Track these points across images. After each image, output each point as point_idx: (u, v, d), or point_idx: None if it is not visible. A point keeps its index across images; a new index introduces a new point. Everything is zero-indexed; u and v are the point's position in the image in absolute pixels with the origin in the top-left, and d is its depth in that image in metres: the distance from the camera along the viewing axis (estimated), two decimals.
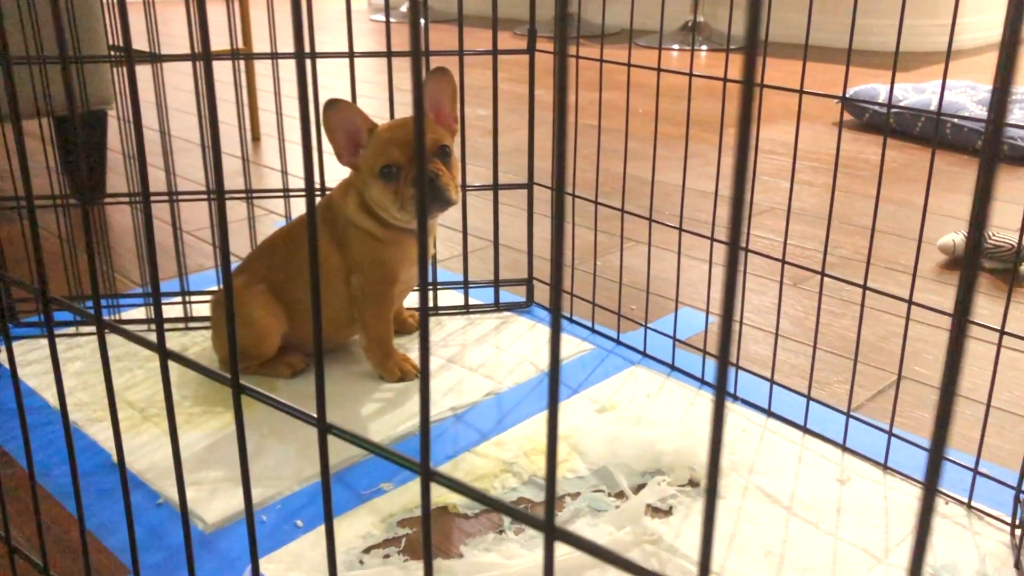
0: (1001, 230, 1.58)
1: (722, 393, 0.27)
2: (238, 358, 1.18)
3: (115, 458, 1.02)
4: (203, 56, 0.37)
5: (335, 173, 2.08)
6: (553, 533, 0.27)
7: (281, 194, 1.38)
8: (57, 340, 1.29)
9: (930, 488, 0.26)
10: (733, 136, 2.44)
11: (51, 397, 1.15)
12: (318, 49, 1.33)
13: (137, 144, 0.39)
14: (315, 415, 0.38)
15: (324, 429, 0.34)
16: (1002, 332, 0.89)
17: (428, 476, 0.29)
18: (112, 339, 1.30)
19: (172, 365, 1.23)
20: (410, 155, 1.06)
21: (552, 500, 0.27)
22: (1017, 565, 0.84)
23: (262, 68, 3.11)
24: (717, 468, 0.25)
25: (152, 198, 1.38)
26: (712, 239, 1.14)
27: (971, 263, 0.24)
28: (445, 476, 0.30)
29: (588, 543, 0.27)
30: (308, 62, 1.27)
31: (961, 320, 0.25)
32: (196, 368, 0.41)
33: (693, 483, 0.97)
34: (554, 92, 0.29)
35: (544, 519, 0.27)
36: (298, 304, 1.17)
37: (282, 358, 1.20)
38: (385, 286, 1.15)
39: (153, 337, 1.31)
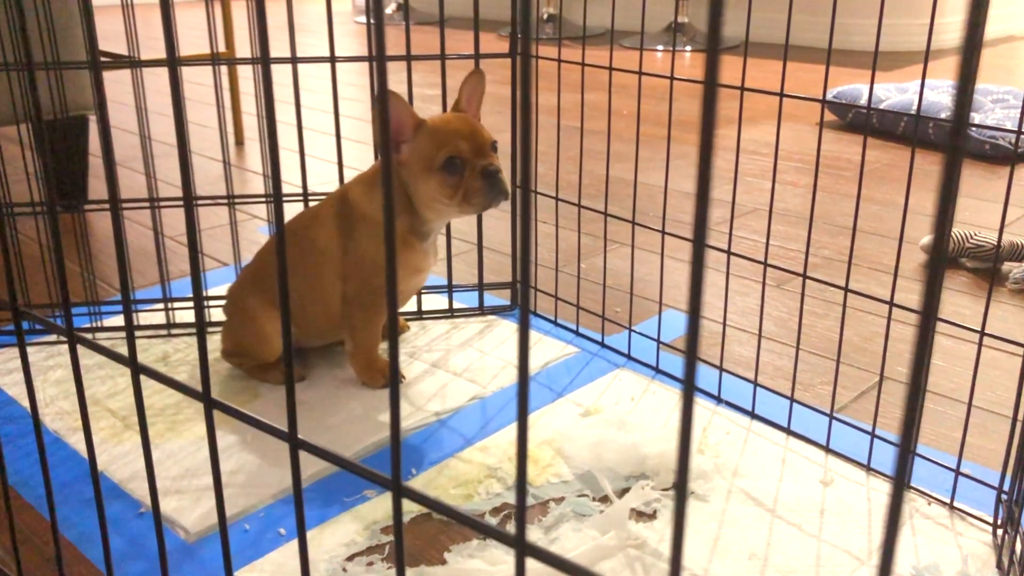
0: (983, 230, 1.59)
1: (691, 387, 0.27)
2: (240, 354, 1.17)
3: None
4: (168, 62, 0.37)
5: (318, 177, 2.07)
6: (524, 549, 0.27)
7: (263, 199, 1.37)
8: (39, 347, 1.28)
9: (899, 482, 0.26)
10: (718, 137, 2.43)
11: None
12: (302, 50, 1.33)
13: (104, 150, 0.39)
14: (295, 428, 0.37)
15: (295, 445, 0.34)
16: (982, 333, 0.89)
17: (399, 492, 0.29)
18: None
19: (157, 366, 1.22)
20: (476, 148, 1.05)
21: (523, 516, 0.27)
22: (999, 565, 0.84)
23: (245, 71, 3.10)
24: (687, 463, 0.25)
25: (134, 204, 1.37)
26: (707, 246, 1.14)
27: (935, 266, 0.24)
28: (416, 492, 0.30)
29: (559, 559, 0.26)
30: (290, 66, 1.26)
31: (926, 320, 0.25)
32: (167, 382, 0.40)
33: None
34: (518, 95, 0.29)
35: (515, 535, 0.27)
36: (296, 297, 1.16)
37: (280, 365, 1.19)
38: (379, 294, 1.14)
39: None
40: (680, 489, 0.26)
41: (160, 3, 0.34)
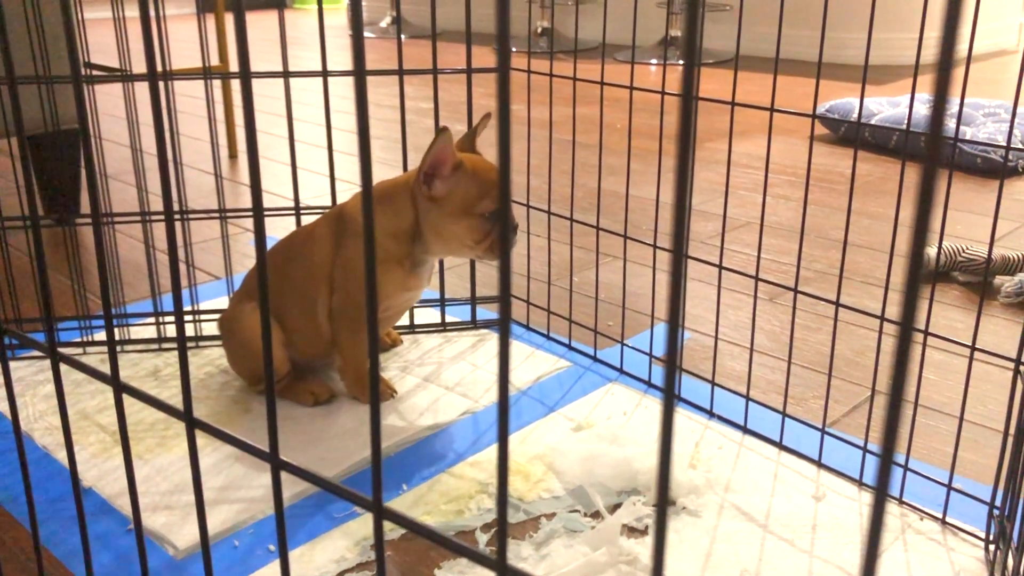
0: (975, 243, 1.59)
1: (670, 398, 0.27)
2: (254, 380, 1.17)
3: (85, 484, 1.01)
4: (150, 77, 0.37)
5: (310, 190, 2.07)
6: (506, 573, 0.26)
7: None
8: (28, 361, 1.28)
9: (881, 491, 0.26)
10: (708, 151, 2.44)
11: (22, 421, 1.13)
12: (298, 63, 1.32)
13: (87, 166, 0.38)
14: (276, 448, 0.37)
15: (277, 465, 0.34)
16: (973, 347, 0.89)
17: (380, 514, 0.29)
18: (88, 359, 1.29)
19: (147, 380, 1.21)
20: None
21: (504, 540, 0.27)
22: None
23: (239, 84, 3.10)
24: (667, 474, 0.25)
25: (122, 218, 1.37)
26: (685, 256, 1.14)
27: (913, 274, 0.24)
28: (397, 513, 0.30)
29: None
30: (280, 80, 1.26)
31: (906, 330, 0.25)
32: (150, 401, 0.40)
33: (669, 502, 0.96)
34: (498, 107, 0.28)
35: (497, 558, 0.27)
36: (286, 313, 1.15)
37: (307, 386, 1.18)
38: (363, 309, 1.13)
39: (121, 361, 1.29)
40: (661, 498, 0.26)
41: (141, 19, 0.34)
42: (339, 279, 1.12)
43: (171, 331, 1.34)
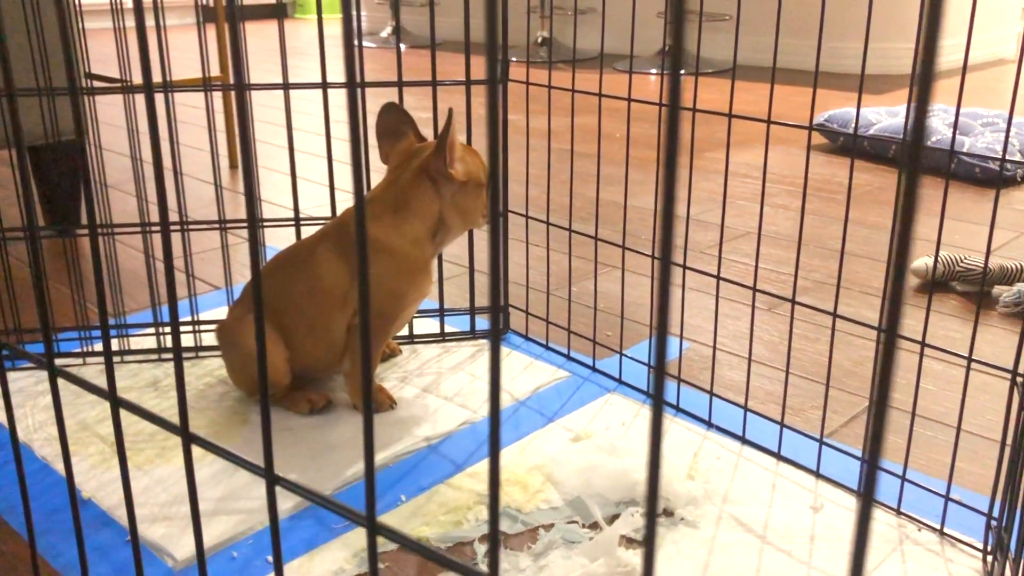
0: (972, 253, 1.59)
1: (659, 406, 0.27)
2: (253, 390, 1.17)
3: (84, 494, 1.01)
4: (145, 89, 0.37)
5: (310, 200, 2.08)
6: None
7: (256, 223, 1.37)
8: (28, 372, 1.28)
9: (867, 497, 0.26)
10: (706, 160, 2.43)
11: (21, 432, 1.14)
12: (300, 74, 1.33)
13: (84, 176, 0.39)
14: (271, 463, 0.37)
15: (271, 480, 0.34)
16: (970, 359, 0.89)
17: (373, 530, 0.29)
18: (87, 370, 1.29)
19: (146, 391, 1.21)
20: None
21: (496, 557, 0.27)
22: None
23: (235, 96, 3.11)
24: (656, 481, 0.25)
25: (122, 228, 1.37)
26: (684, 267, 1.15)
27: (897, 283, 0.24)
28: (390, 529, 0.30)
29: None
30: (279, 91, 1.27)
31: (890, 339, 0.25)
32: (146, 416, 0.40)
33: (668, 513, 0.96)
34: (489, 120, 0.29)
35: (488, 573, 0.27)
36: (294, 331, 1.15)
37: (304, 394, 1.18)
38: (386, 320, 1.13)
39: (121, 371, 1.30)
40: (651, 504, 0.26)
41: (136, 32, 0.34)
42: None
43: (169, 342, 1.35)
